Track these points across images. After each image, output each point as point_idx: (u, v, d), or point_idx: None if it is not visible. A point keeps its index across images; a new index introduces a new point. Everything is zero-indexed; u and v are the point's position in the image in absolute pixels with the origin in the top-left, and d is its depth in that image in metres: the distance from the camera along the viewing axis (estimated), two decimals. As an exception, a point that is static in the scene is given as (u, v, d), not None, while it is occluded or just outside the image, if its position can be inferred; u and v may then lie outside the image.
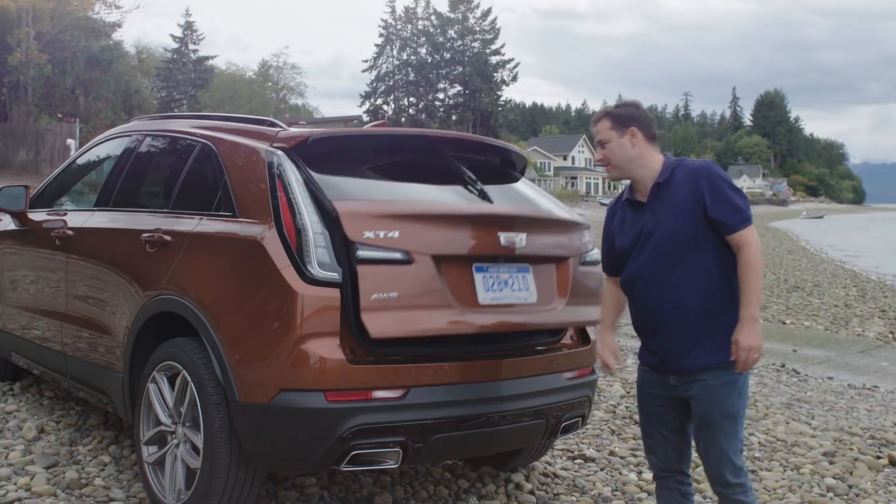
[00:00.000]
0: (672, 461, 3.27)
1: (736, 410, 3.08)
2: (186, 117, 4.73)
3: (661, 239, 3.08)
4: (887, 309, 14.21)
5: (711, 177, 3.05)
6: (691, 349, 3.06)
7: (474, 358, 3.61)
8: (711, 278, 3.05)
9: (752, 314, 2.97)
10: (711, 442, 3.09)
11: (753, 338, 2.96)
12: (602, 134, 3.18)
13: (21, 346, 5.30)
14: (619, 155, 3.16)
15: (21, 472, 4.20)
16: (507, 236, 3.59)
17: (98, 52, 37.86)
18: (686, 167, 3.12)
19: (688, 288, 3.05)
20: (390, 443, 3.33)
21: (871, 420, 6.32)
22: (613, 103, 3.29)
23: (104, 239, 4.53)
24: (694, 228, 3.04)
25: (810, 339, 10.35)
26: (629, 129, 3.14)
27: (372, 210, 3.42)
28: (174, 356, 3.63)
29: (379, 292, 3.23)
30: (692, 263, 3.05)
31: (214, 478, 3.38)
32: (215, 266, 3.63)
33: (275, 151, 3.56)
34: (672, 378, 3.15)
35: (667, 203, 3.09)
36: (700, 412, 3.11)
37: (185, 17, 75.87)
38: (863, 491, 4.66)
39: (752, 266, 2.99)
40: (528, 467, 4.64)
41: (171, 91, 65.19)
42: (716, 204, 3.01)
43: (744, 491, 3.09)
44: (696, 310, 3.05)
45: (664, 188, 3.11)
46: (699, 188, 3.03)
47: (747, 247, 3.00)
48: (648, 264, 3.12)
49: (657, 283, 3.10)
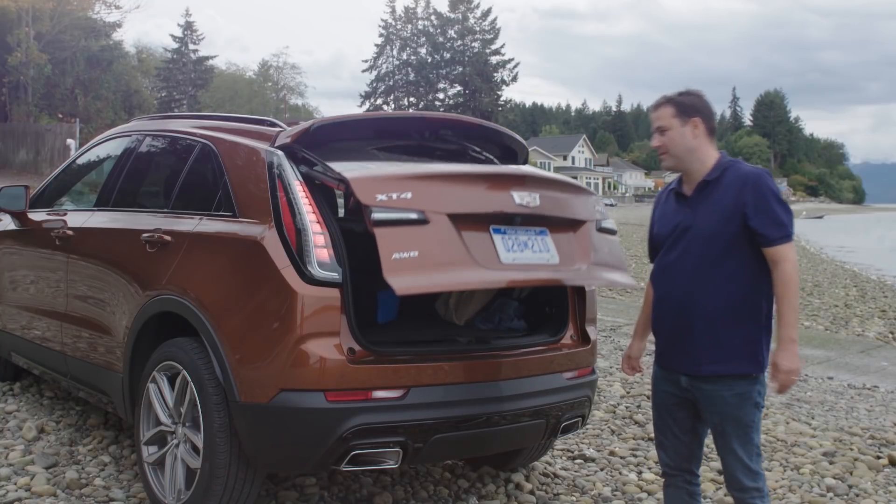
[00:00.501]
0: (682, 460, 3.25)
1: (750, 420, 3.04)
2: (186, 117, 4.73)
3: (696, 237, 3.04)
4: (887, 309, 14.21)
5: (760, 186, 2.97)
6: (706, 353, 3.03)
7: (474, 357, 3.61)
8: (738, 286, 3.00)
9: (791, 336, 2.92)
10: (726, 448, 3.08)
11: (793, 361, 2.92)
12: (663, 121, 3.09)
13: (21, 346, 5.30)
14: (679, 144, 3.08)
15: (21, 472, 4.20)
16: (521, 195, 3.50)
17: (98, 52, 37.87)
18: (738, 170, 3.04)
19: (713, 290, 3.01)
20: (390, 443, 3.33)
21: (871, 420, 6.32)
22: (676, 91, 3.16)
23: (104, 239, 4.53)
24: (730, 233, 2.98)
25: (810, 339, 10.35)
26: (692, 119, 3.06)
27: (381, 173, 3.42)
28: (174, 356, 3.63)
29: (400, 251, 3.11)
30: (722, 267, 3.00)
31: (214, 478, 3.38)
32: (215, 266, 3.63)
33: (275, 151, 3.56)
34: (683, 379, 3.12)
35: (709, 202, 3.04)
36: (714, 420, 3.09)
37: (185, 17, 75.93)
38: (863, 491, 4.66)
39: (790, 283, 2.93)
40: (528, 467, 4.64)
41: (171, 91, 65.20)
42: (758, 214, 2.94)
43: (760, 496, 3.07)
44: (718, 314, 3.01)
45: (711, 186, 3.05)
46: (744, 195, 2.96)
47: (784, 263, 2.94)
48: (679, 259, 3.08)
49: (683, 279, 3.06)
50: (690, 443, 3.23)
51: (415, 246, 3.16)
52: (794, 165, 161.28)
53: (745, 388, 3.02)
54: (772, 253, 2.95)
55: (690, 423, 3.21)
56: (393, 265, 3.06)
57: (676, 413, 3.21)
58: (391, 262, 3.07)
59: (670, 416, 3.23)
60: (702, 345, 3.03)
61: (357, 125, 3.93)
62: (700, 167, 3.08)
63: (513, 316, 4.27)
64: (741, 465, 3.05)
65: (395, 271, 3.05)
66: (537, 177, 3.76)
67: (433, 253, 3.21)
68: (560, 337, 4.00)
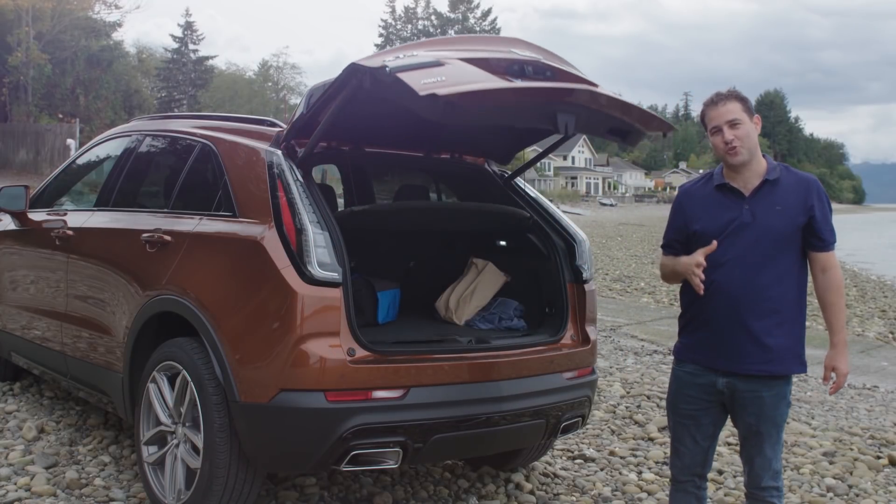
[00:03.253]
0: (697, 465, 3.24)
1: (782, 420, 3.12)
2: (186, 117, 4.73)
3: (758, 234, 3.03)
4: (887, 309, 14.19)
5: (822, 193, 3.10)
6: (758, 352, 3.02)
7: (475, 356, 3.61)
8: (791, 286, 3.06)
9: (845, 340, 3.10)
10: (758, 449, 3.10)
11: (847, 364, 3.09)
12: (735, 114, 3.05)
13: (21, 346, 5.30)
14: (752, 139, 3.08)
15: (21, 472, 4.20)
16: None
17: (98, 52, 37.85)
18: (795, 174, 3.12)
19: (770, 288, 3.02)
20: (390, 443, 3.33)
21: (871, 420, 6.32)
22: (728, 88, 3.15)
23: (104, 239, 4.53)
24: (790, 233, 3.04)
25: (810, 339, 10.28)
26: (755, 116, 3.11)
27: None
28: (174, 356, 3.63)
29: (426, 79, 3.01)
30: (779, 266, 3.04)
31: (214, 478, 3.38)
32: (215, 266, 3.63)
33: (274, 151, 3.56)
34: (721, 381, 3.09)
35: (772, 201, 3.05)
36: (749, 421, 3.10)
37: (186, 17, 75.92)
38: (863, 491, 4.66)
39: (840, 289, 3.08)
40: (528, 467, 4.64)
41: (171, 91, 65.16)
42: (824, 219, 3.06)
43: (778, 494, 3.12)
44: (773, 312, 3.03)
45: (771, 185, 3.07)
46: (810, 199, 3.04)
47: (835, 269, 3.08)
48: (737, 254, 3.04)
49: (741, 275, 3.03)
50: (708, 448, 3.24)
51: (438, 74, 3.06)
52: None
53: (782, 387, 3.08)
54: (823, 258, 3.08)
55: (713, 428, 3.21)
56: (425, 87, 2.94)
57: (702, 419, 3.18)
58: (422, 85, 2.95)
59: (693, 422, 3.19)
60: (754, 343, 3.03)
61: None
62: (759, 165, 3.11)
63: (513, 316, 4.27)
64: (768, 465, 3.10)
65: (429, 88, 2.94)
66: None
67: (457, 76, 3.10)
68: (560, 337, 4.00)
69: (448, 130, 4.18)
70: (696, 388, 3.16)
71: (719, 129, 3.07)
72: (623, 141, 3.69)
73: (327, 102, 3.36)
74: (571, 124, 3.26)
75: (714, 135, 3.09)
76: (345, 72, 3.18)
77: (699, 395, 3.15)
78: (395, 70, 3.00)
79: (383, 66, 3.03)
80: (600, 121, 3.48)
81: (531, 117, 3.41)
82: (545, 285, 4.19)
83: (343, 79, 3.21)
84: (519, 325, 4.24)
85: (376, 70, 3.05)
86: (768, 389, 3.06)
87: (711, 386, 3.12)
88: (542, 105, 3.27)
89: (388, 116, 3.88)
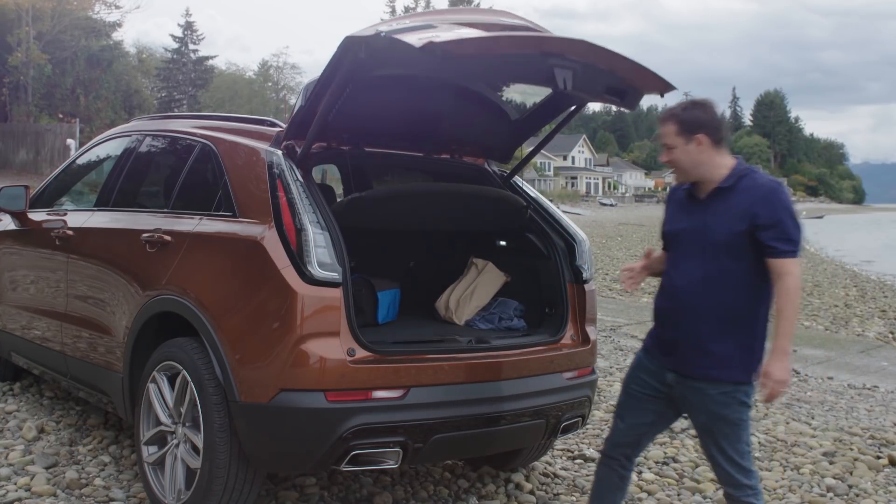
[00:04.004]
0: (628, 445, 3.30)
1: (738, 418, 3.06)
2: (186, 117, 4.73)
3: (707, 240, 3.05)
4: (887, 309, 14.20)
5: (774, 199, 2.99)
6: (702, 355, 3.04)
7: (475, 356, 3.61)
8: (740, 293, 3.02)
9: (785, 347, 2.96)
10: (715, 446, 3.09)
11: (784, 371, 2.95)
12: (667, 138, 3.10)
13: (21, 346, 5.30)
14: (685, 161, 3.09)
15: (21, 472, 4.20)
16: None
17: (98, 52, 37.82)
18: (754, 180, 3.05)
19: (716, 295, 3.02)
20: (390, 443, 3.33)
21: (871, 420, 6.32)
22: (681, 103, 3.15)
23: (104, 239, 4.53)
24: (740, 240, 2.99)
25: (810, 339, 10.34)
26: (696, 136, 3.05)
27: None
28: (174, 356, 3.63)
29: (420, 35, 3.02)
30: (727, 273, 3.01)
31: (214, 478, 3.38)
32: (215, 266, 3.63)
33: (275, 151, 3.56)
34: (670, 376, 3.14)
35: (722, 208, 3.05)
36: (699, 420, 3.11)
37: (186, 17, 75.89)
38: (863, 491, 4.66)
39: (791, 297, 2.95)
40: (528, 467, 4.64)
41: (171, 91, 65.12)
42: (769, 227, 2.96)
43: (755, 493, 3.09)
44: (720, 316, 3.03)
45: (724, 193, 3.06)
46: (756, 206, 2.98)
47: (788, 277, 2.95)
48: (687, 260, 3.10)
49: (689, 280, 3.08)
50: (645, 434, 3.29)
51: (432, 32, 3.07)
52: (794, 165, 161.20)
53: (730, 388, 3.04)
54: (777, 265, 2.96)
55: (655, 417, 3.26)
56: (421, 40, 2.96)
57: (647, 405, 3.25)
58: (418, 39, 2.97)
59: (639, 403, 3.26)
60: (697, 347, 3.05)
61: None
62: (712, 176, 3.08)
63: (513, 316, 4.27)
64: (732, 463, 3.07)
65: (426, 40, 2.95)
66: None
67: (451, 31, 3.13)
68: (560, 337, 4.00)
69: (446, 124, 4.17)
70: (649, 373, 3.22)
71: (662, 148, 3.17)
72: (621, 101, 3.70)
73: (325, 85, 3.36)
74: (570, 80, 3.29)
75: None
76: (340, 46, 3.19)
77: (650, 380, 3.21)
78: (390, 33, 3.03)
79: (377, 33, 3.06)
80: (597, 78, 3.50)
81: (529, 73, 3.41)
82: (545, 285, 4.19)
83: (339, 54, 3.21)
84: (519, 325, 4.24)
85: (371, 38, 3.07)
86: (715, 388, 3.04)
87: (662, 377, 3.18)
88: (538, 58, 3.27)
89: (386, 112, 3.89)
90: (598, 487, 3.38)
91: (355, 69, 3.25)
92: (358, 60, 3.17)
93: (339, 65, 3.25)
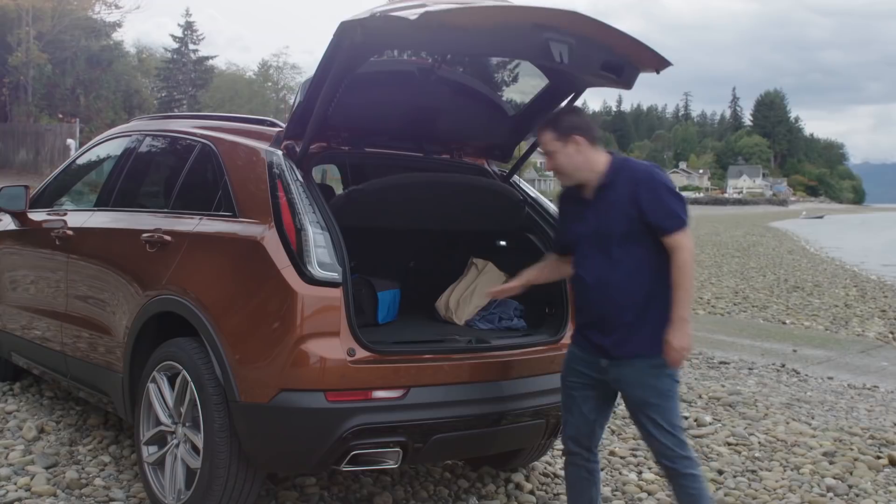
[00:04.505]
0: (584, 437, 3.42)
1: (667, 388, 3.24)
2: (186, 117, 4.73)
3: (607, 235, 3.22)
4: (887, 309, 14.19)
5: (651, 182, 3.19)
6: (626, 341, 3.21)
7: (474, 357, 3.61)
8: (646, 276, 3.20)
9: (683, 316, 3.13)
10: (650, 420, 3.23)
11: (684, 339, 3.12)
12: (548, 145, 3.30)
13: (21, 346, 5.30)
14: (567, 164, 3.28)
15: (21, 472, 4.20)
16: None
17: (98, 52, 37.82)
18: (629, 169, 3.26)
19: (625, 284, 3.20)
20: (390, 443, 3.33)
21: (871, 420, 6.32)
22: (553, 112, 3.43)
23: (104, 239, 4.53)
24: (631, 228, 3.18)
25: (810, 339, 10.35)
26: (571, 138, 3.25)
27: None
28: (174, 356, 3.63)
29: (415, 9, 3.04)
30: (630, 261, 3.20)
31: (214, 478, 3.38)
32: (215, 266, 3.63)
33: (275, 151, 3.56)
34: (603, 361, 3.27)
35: (608, 203, 3.24)
36: (634, 394, 3.26)
37: (186, 17, 75.75)
38: (863, 491, 4.66)
39: (684, 269, 3.13)
40: (528, 467, 4.64)
41: (171, 91, 65.07)
42: (652, 208, 3.15)
43: (692, 463, 3.26)
44: (632, 304, 3.20)
45: (607, 189, 3.25)
46: (638, 192, 3.17)
47: (680, 251, 3.14)
48: (594, 255, 3.26)
49: (597, 276, 3.24)
50: (594, 422, 3.41)
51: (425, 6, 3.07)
52: (794, 165, 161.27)
53: (660, 360, 3.18)
54: (669, 241, 3.15)
55: (598, 402, 3.38)
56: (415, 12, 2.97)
57: (589, 393, 3.37)
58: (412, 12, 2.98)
59: (581, 394, 3.38)
60: (622, 334, 3.21)
61: None
62: (593, 175, 3.27)
63: (513, 316, 4.27)
64: (667, 434, 3.22)
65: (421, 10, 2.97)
66: None
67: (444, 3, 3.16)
68: (560, 337, 3.99)
69: (445, 122, 4.16)
70: (583, 363, 3.35)
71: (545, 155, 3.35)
72: (618, 79, 3.72)
73: (323, 75, 3.35)
74: (566, 53, 3.34)
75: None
76: (336, 32, 3.20)
77: (586, 370, 3.34)
78: (384, 12, 3.05)
79: (371, 15, 3.08)
80: (593, 53, 3.53)
81: (525, 48, 3.43)
82: (545, 285, 4.18)
83: (336, 40, 3.22)
84: (519, 325, 4.24)
85: (366, 19, 3.09)
86: (645, 363, 3.20)
87: (595, 364, 3.30)
88: (533, 30, 3.30)
89: (385, 110, 3.90)
90: (571, 488, 3.51)
91: (353, 54, 3.26)
92: (355, 44, 3.18)
93: (337, 51, 3.25)
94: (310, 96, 3.47)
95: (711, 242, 30.34)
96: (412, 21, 2.95)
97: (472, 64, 4.32)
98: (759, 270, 20.32)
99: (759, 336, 10.37)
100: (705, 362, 8.16)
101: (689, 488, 3.23)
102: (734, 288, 15.95)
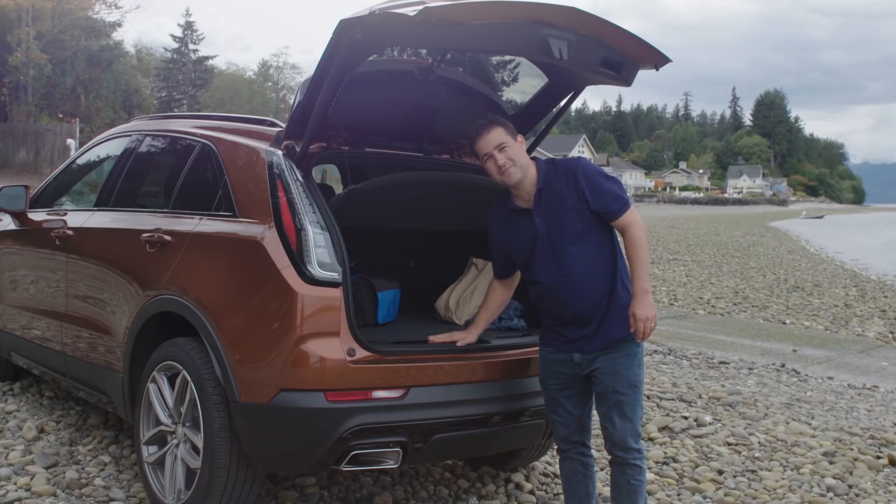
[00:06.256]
0: (574, 434, 3.51)
1: (637, 380, 3.35)
2: (186, 117, 4.73)
3: (554, 238, 3.32)
4: (887, 309, 14.20)
5: (587, 172, 3.32)
6: (597, 331, 3.32)
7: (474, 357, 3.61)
8: (604, 264, 3.33)
9: (645, 287, 3.24)
10: (616, 410, 3.32)
11: (648, 309, 3.22)
12: (500, 138, 3.34)
13: (21, 346, 5.30)
14: (521, 157, 3.36)
15: (21, 472, 4.20)
16: None
17: (98, 52, 37.82)
18: (560, 168, 3.37)
19: (588, 278, 3.30)
20: (390, 443, 3.33)
21: (871, 420, 6.32)
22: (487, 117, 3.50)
23: (104, 239, 4.53)
24: (580, 222, 3.30)
25: (810, 339, 10.35)
26: (517, 136, 3.40)
27: None
28: (174, 356, 3.63)
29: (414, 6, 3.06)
30: (585, 254, 3.31)
31: (214, 478, 3.38)
32: (215, 266, 3.63)
33: (275, 151, 3.56)
34: (577, 356, 3.37)
35: (550, 204, 3.33)
36: (605, 383, 3.34)
37: (186, 16, 75.90)
38: (863, 491, 4.66)
39: (639, 243, 3.27)
40: (528, 467, 4.64)
41: (171, 91, 65.09)
42: (596, 196, 3.28)
43: (641, 456, 3.38)
44: (596, 295, 3.30)
45: (546, 192, 3.34)
46: (578, 185, 3.29)
47: (631, 227, 3.29)
48: (549, 263, 3.34)
49: (559, 278, 3.32)
50: (581, 417, 3.50)
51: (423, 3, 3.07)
52: (794, 165, 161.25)
53: (632, 349, 3.32)
54: (619, 223, 3.30)
55: (580, 398, 3.47)
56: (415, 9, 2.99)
57: (569, 391, 3.45)
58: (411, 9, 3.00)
59: (562, 394, 3.46)
60: (592, 326, 3.32)
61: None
62: (532, 177, 3.38)
63: (513, 316, 4.27)
64: (630, 426, 3.33)
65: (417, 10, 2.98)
66: None
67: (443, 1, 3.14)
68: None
69: (445, 122, 4.16)
70: (558, 364, 3.44)
71: (490, 155, 3.36)
72: (617, 76, 3.72)
73: (323, 74, 3.35)
74: (565, 50, 3.38)
75: (486, 162, 3.38)
76: (336, 30, 3.19)
77: (562, 370, 3.43)
78: (383, 9, 3.05)
79: (371, 12, 3.08)
80: (592, 49, 3.54)
81: (524, 44, 3.43)
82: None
83: (335, 38, 3.21)
84: (519, 325, 4.24)
85: (365, 17, 3.09)
86: (619, 351, 3.30)
87: (569, 360, 3.40)
88: (532, 26, 3.32)
89: (384, 110, 3.89)
90: (567, 483, 3.59)
91: (352, 52, 3.25)
92: (354, 42, 3.17)
93: (336, 49, 3.24)
94: (309, 96, 3.47)
95: (711, 242, 30.35)
96: (411, 17, 2.95)
97: (471, 63, 4.32)
98: (759, 270, 20.33)
99: (758, 336, 10.37)
100: (705, 362, 8.16)
101: (632, 478, 3.34)
102: (734, 288, 15.96)
